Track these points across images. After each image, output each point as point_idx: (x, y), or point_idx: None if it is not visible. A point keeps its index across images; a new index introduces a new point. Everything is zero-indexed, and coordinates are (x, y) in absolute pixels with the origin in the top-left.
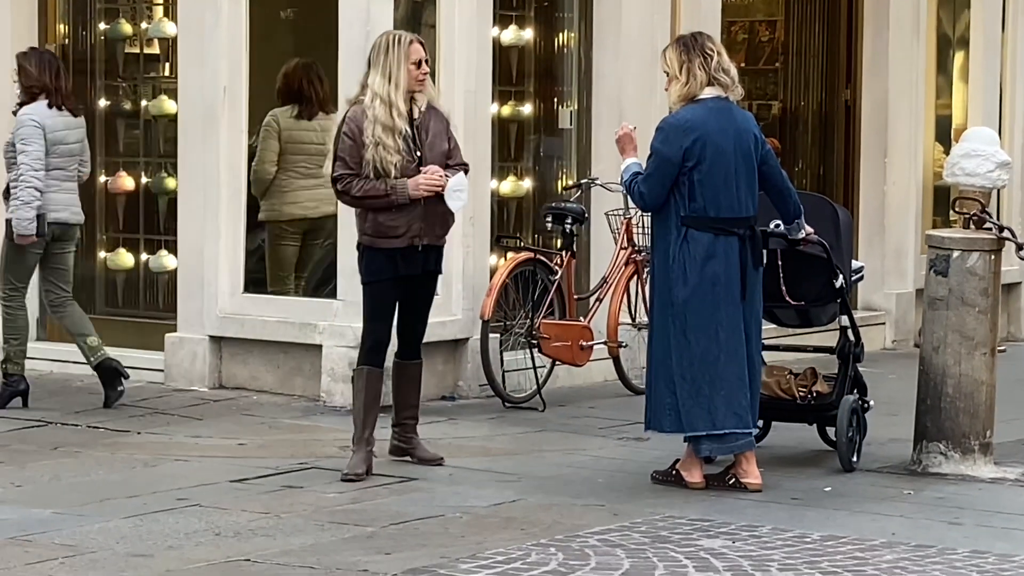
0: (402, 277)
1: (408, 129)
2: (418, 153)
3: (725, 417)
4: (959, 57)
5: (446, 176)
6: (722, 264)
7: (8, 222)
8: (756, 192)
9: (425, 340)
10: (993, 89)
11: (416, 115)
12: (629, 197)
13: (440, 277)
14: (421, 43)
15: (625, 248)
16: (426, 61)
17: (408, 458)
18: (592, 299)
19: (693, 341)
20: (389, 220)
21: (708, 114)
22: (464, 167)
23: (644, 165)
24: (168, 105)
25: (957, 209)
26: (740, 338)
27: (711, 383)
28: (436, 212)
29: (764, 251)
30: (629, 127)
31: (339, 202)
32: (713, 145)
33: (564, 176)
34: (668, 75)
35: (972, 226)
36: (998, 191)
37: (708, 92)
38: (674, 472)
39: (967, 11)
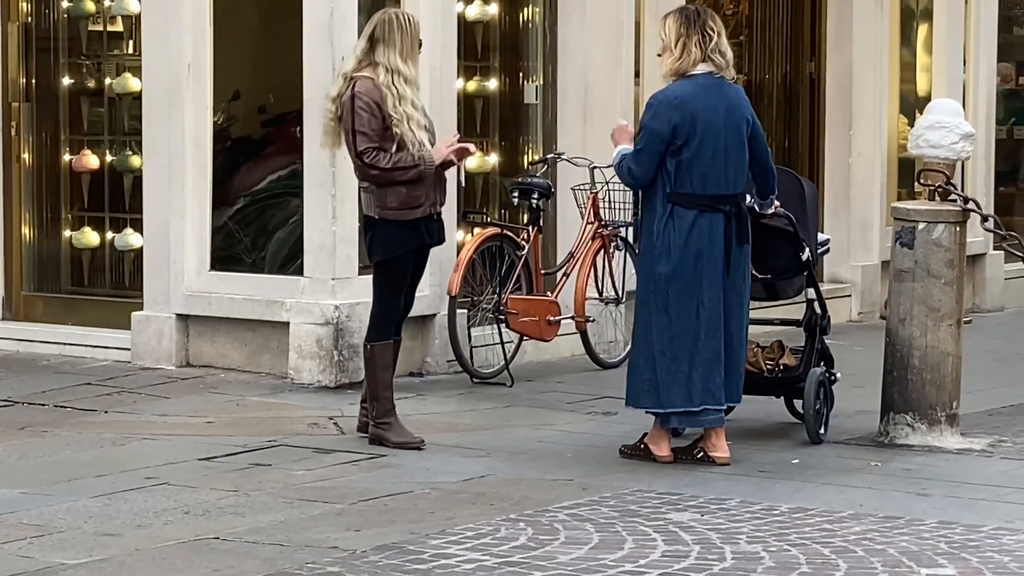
0: (418, 248)
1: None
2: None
3: (702, 394)
4: (923, 29)
5: (461, 141)
6: (706, 240)
7: None
8: (745, 169)
9: None
10: (957, 61)
11: None
12: (619, 178)
13: None
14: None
15: (592, 223)
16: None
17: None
18: (559, 274)
19: (674, 317)
20: (415, 191)
21: (698, 90)
22: None
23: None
24: (132, 83)
25: (922, 181)
26: (720, 316)
27: (690, 360)
28: (441, 179)
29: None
30: (624, 123)
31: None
32: (703, 122)
33: (530, 151)
34: (663, 44)
35: (937, 198)
36: (962, 163)
37: (700, 68)
38: (642, 446)
39: None
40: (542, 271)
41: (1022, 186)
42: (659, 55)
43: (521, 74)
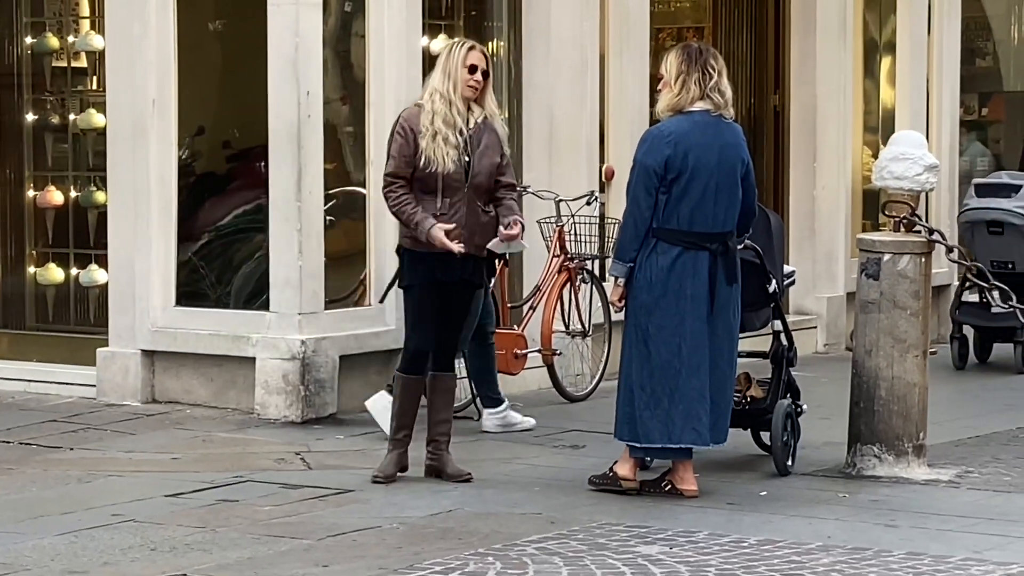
0: (439, 283)
1: (465, 128)
2: (467, 159)
3: (683, 432)
4: (886, 61)
5: (462, 246)
6: (689, 278)
7: None
8: (737, 208)
9: (360, 350)
10: (920, 93)
11: (472, 124)
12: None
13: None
14: (483, 52)
15: (558, 256)
16: (485, 73)
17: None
18: (525, 307)
19: (654, 352)
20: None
21: (693, 127)
22: (512, 188)
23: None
24: (96, 118)
25: (887, 212)
26: (705, 354)
27: (670, 396)
28: (478, 222)
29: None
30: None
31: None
32: (695, 159)
33: None
34: (663, 80)
35: (902, 229)
36: (927, 194)
37: (698, 106)
38: (611, 473)
39: (893, 16)
40: (508, 304)
41: None
42: (658, 90)
43: None
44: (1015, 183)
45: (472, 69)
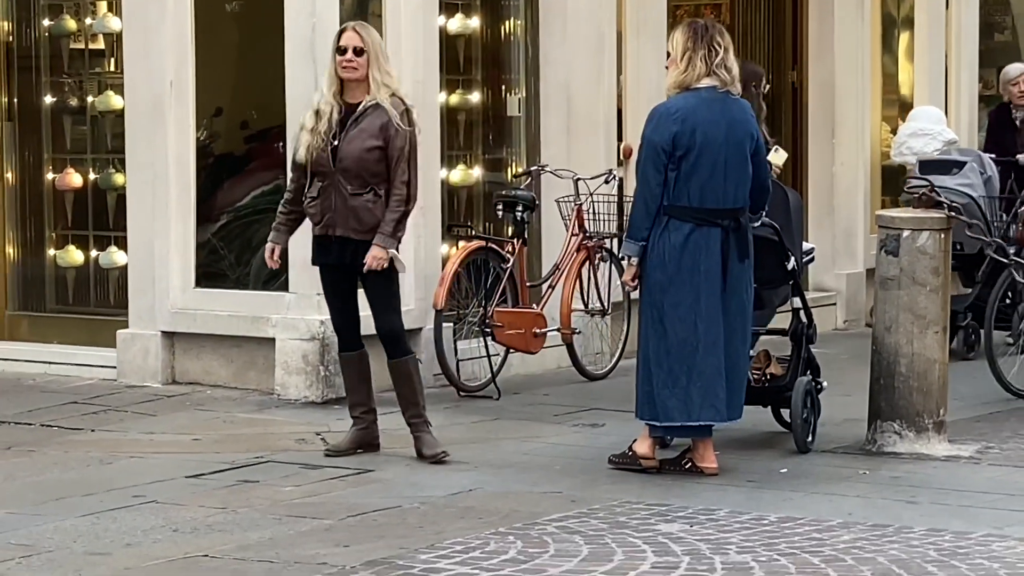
0: (328, 266)
1: (335, 116)
2: (335, 143)
3: (702, 409)
4: (904, 37)
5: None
6: (702, 254)
7: None
8: (747, 184)
9: None
10: (938, 68)
11: (360, 108)
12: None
13: (393, 274)
14: (357, 30)
15: (576, 234)
16: (358, 50)
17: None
18: (544, 286)
19: (669, 329)
20: (310, 206)
21: (700, 104)
22: (402, 185)
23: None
24: (115, 100)
25: (906, 188)
26: (720, 330)
27: (688, 373)
28: (346, 205)
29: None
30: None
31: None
32: (703, 135)
33: (514, 164)
34: (670, 56)
35: (921, 205)
36: None
37: (705, 82)
38: (630, 452)
39: None
40: (527, 284)
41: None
42: (666, 67)
43: (504, 87)
44: (961, 160)
45: (342, 51)
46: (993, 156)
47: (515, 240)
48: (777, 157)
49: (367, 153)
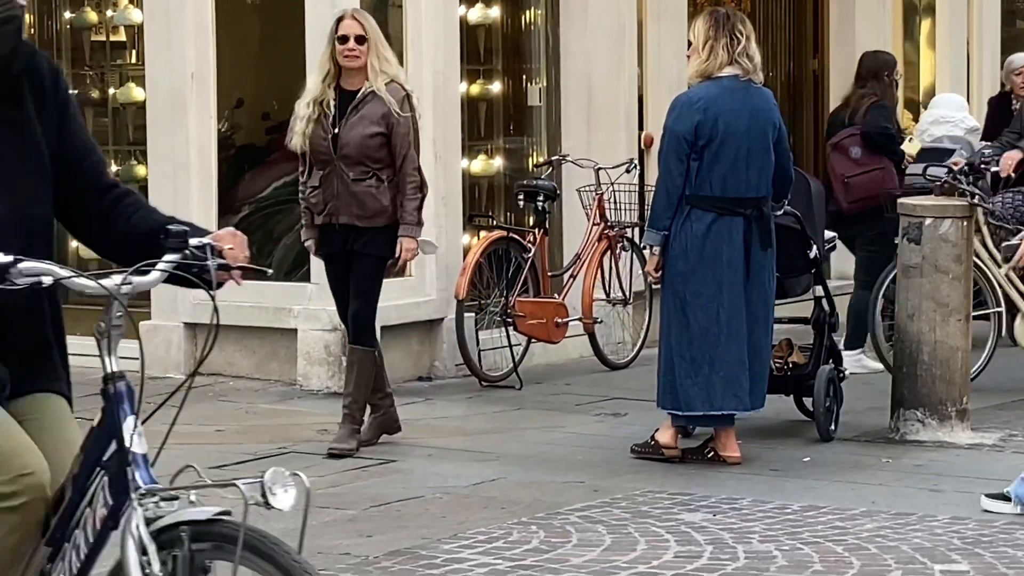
0: (332, 256)
1: (332, 103)
2: (335, 130)
3: (724, 399)
4: (926, 24)
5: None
6: (725, 244)
7: None
8: (770, 173)
9: (401, 321)
10: (960, 55)
11: (359, 95)
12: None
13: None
14: (357, 18)
15: (598, 224)
16: (360, 38)
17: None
18: (566, 276)
19: (692, 319)
20: (312, 196)
21: (722, 93)
22: (413, 172)
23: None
24: (136, 92)
25: (928, 176)
26: (742, 320)
27: (711, 363)
28: (349, 192)
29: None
30: None
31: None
32: (725, 124)
33: (535, 153)
34: (692, 45)
35: (944, 193)
36: None
37: (727, 71)
38: (653, 441)
39: None
40: (549, 273)
41: None
42: (687, 56)
43: (524, 76)
44: (951, 148)
45: (343, 39)
46: (987, 143)
47: (536, 230)
48: (911, 147)
49: (369, 139)
